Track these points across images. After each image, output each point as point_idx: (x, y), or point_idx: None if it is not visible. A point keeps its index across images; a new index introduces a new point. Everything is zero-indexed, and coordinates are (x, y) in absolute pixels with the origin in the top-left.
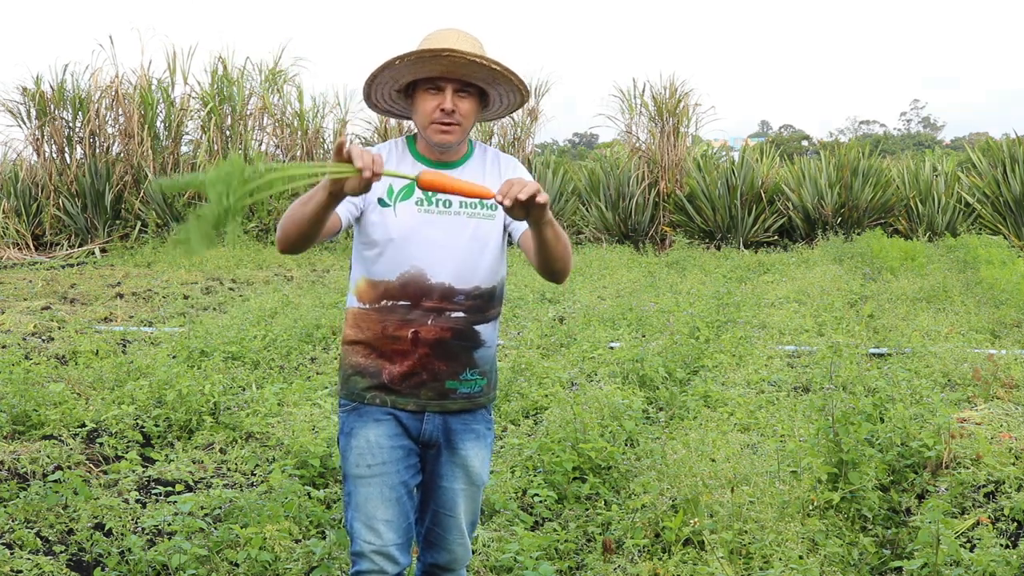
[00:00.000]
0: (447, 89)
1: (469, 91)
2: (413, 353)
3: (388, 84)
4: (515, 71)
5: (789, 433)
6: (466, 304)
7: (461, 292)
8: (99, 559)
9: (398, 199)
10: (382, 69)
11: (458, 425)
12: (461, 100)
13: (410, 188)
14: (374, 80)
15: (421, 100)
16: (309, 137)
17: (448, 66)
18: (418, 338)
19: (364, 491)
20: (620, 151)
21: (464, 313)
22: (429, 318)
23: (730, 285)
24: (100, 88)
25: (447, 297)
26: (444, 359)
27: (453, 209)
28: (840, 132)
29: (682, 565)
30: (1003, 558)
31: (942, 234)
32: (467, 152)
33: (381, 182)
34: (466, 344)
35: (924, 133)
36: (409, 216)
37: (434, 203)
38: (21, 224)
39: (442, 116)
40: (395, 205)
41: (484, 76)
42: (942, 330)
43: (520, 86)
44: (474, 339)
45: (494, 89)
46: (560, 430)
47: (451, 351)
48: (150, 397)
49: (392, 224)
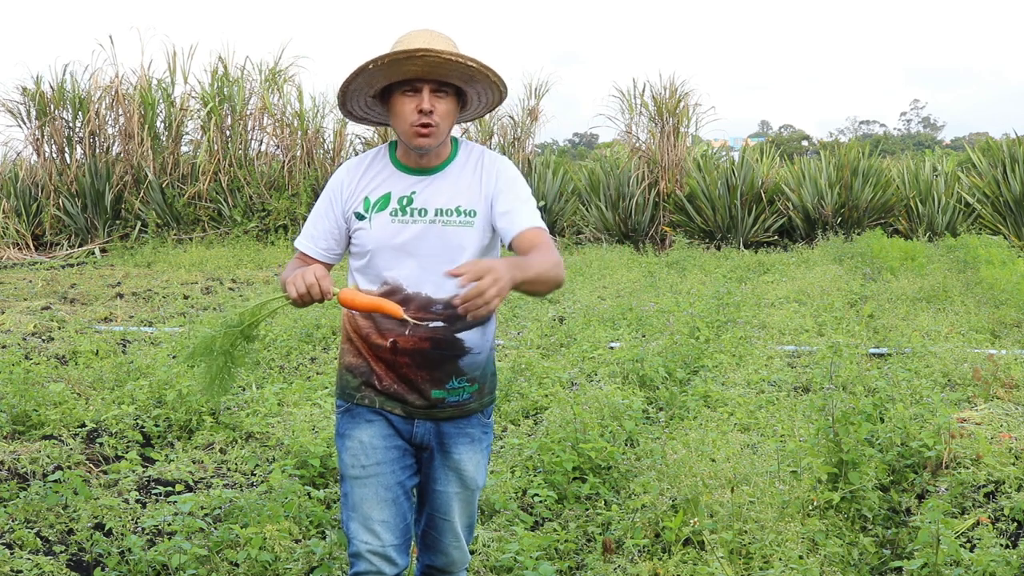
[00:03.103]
0: (424, 89)
1: (446, 91)
2: (394, 362)
3: (363, 91)
4: (492, 67)
5: (789, 433)
6: (445, 313)
7: (439, 301)
8: (99, 559)
9: (374, 211)
10: (355, 75)
11: (451, 429)
12: (438, 100)
13: (385, 199)
14: (348, 87)
15: (398, 104)
16: (309, 137)
17: (424, 66)
18: (397, 347)
19: (360, 492)
20: (620, 151)
21: (443, 322)
22: (407, 328)
23: (730, 285)
24: (100, 88)
25: (425, 307)
26: (425, 368)
27: (428, 218)
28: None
29: (682, 565)
30: (1003, 558)
31: (942, 234)
32: (450, 154)
33: (358, 195)
34: (448, 353)
35: (924, 133)
36: (383, 227)
37: (408, 212)
38: (21, 224)
39: (420, 117)
40: (371, 217)
41: (461, 74)
42: (942, 330)
43: (498, 82)
44: (457, 347)
45: (472, 88)
46: (560, 430)
47: (432, 360)
48: (150, 397)
49: (368, 236)
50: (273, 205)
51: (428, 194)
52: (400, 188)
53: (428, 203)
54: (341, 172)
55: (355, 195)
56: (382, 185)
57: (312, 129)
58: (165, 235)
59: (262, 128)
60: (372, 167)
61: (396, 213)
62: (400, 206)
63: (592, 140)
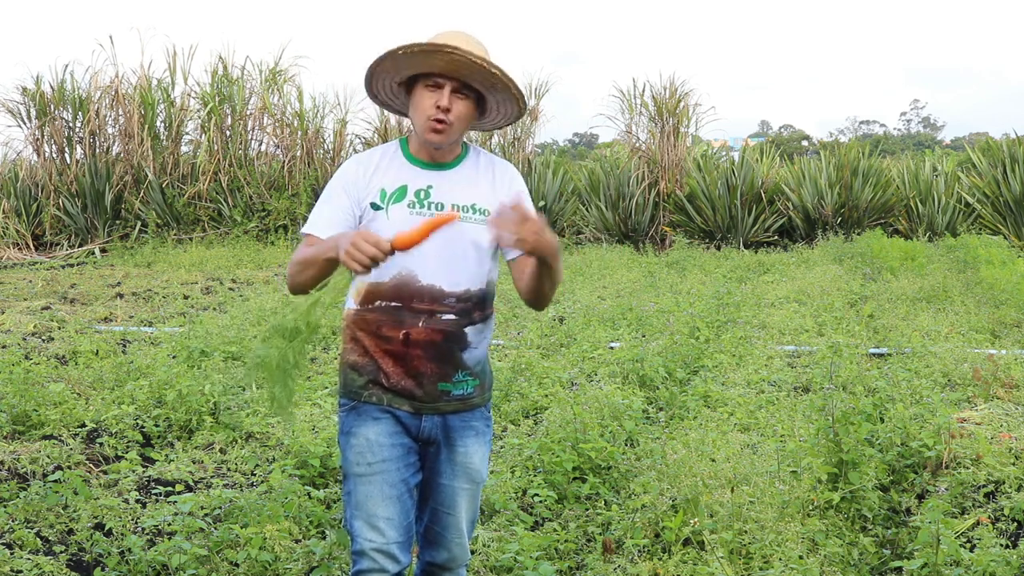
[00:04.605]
0: (446, 87)
1: (467, 94)
2: (405, 355)
3: (390, 75)
4: (515, 80)
5: (789, 433)
6: (456, 307)
7: (451, 295)
8: (99, 559)
9: (391, 202)
10: (385, 57)
11: (457, 423)
12: (458, 101)
13: (402, 191)
14: (376, 68)
15: (419, 96)
16: (309, 137)
17: (449, 63)
18: (409, 339)
19: (364, 489)
20: (620, 151)
21: (454, 315)
22: (420, 320)
23: (730, 285)
24: (100, 88)
25: (437, 299)
26: (435, 361)
27: (445, 213)
28: (840, 132)
29: (682, 565)
30: (1003, 558)
31: (942, 234)
32: (461, 154)
33: (373, 186)
34: (455, 346)
35: (924, 133)
36: (401, 218)
37: (426, 206)
38: (21, 224)
39: (437, 113)
40: (387, 208)
41: (483, 80)
42: (942, 330)
43: (518, 97)
44: (462, 341)
45: (492, 96)
46: (560, 430)
47: (441, 353)
48: (150, 397)
49: (384, 227)
50: (273, 205)
51: (445, 189)
52: (416, 181)
53: (445, 197)
54: (352, 164)
55: (370, 186)
56: (397, 177)
57: (312, 129)
58: (165, 235)
59: (262, 128)
60: (384, 159)
61: (414, 205)
62: (418, 199)
63: (592, 140)
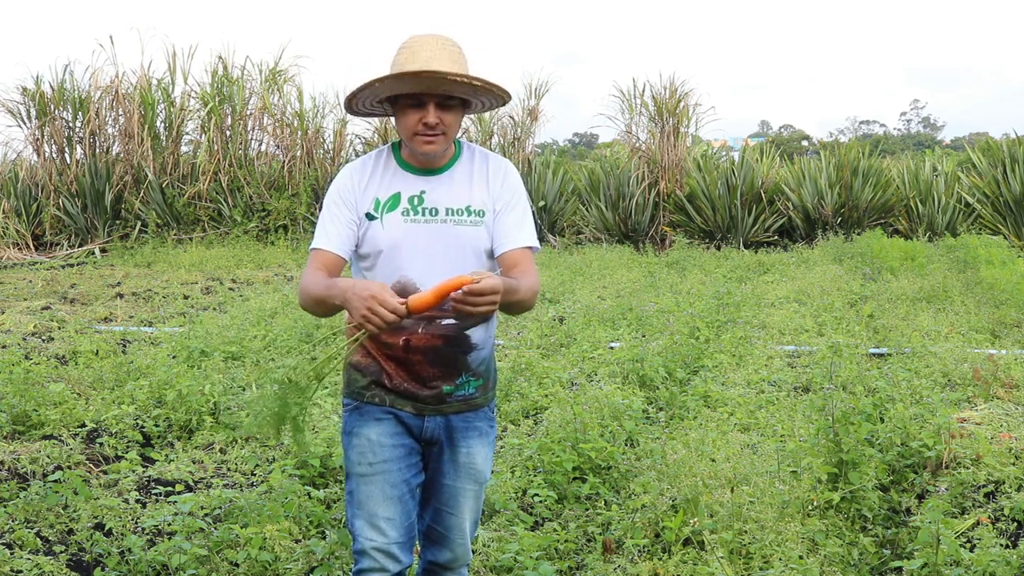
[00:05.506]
0: (429, 105)
1: (451, 102)
2: (406, 360)
3: (369, 98)
4: (496, 83)
5: (789, 433)
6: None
7: (451, 299)
8: (99, 559)
9: (385, 210)
10: (362, 89)
11: (460, 423)
12: (444, 112)
13: (395, 199)
14: (354, 97)
15: (403, 113)
16: (309, 137)
17: (429, 84)
18: (410, 345)
19: (366, 489)
20: (620, 151)
21: (455, 319)
22: (420, 326)
23: (730, 285)
24: (100, 88)
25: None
26: (437, 365)
27: (439, 217)
28: (840, 132)
29: (682, 565)
30: (1003, 558)
31: (942, 234)
32: (454, 155)
33: (368, 196)
34: (458, 349)
35: (924, 133)
36: (395, 227)
37: (420, 212)
38: (21, 224)
39: (425, 129)
40: (382, 217)
41: (465, 91)
42: (942, 330)
43: (502, 95)
44: (465, 344)
45: (476, 99)
46: (560, 430)
47: (444, 357)
48: (150, 397)
49: (380, 236)
50: (273, 205)
51: (438, 194)
52: (409, 188)
53: (439, 203)
54: (344, 176)
55: (365, 195)
56: (391, 185)
57: (312, 129)
58: (165, 235)
59: (262, 128)
60: (377, 168)
61: (407, 213)
62: (411, 206)
63: (592, 140)
